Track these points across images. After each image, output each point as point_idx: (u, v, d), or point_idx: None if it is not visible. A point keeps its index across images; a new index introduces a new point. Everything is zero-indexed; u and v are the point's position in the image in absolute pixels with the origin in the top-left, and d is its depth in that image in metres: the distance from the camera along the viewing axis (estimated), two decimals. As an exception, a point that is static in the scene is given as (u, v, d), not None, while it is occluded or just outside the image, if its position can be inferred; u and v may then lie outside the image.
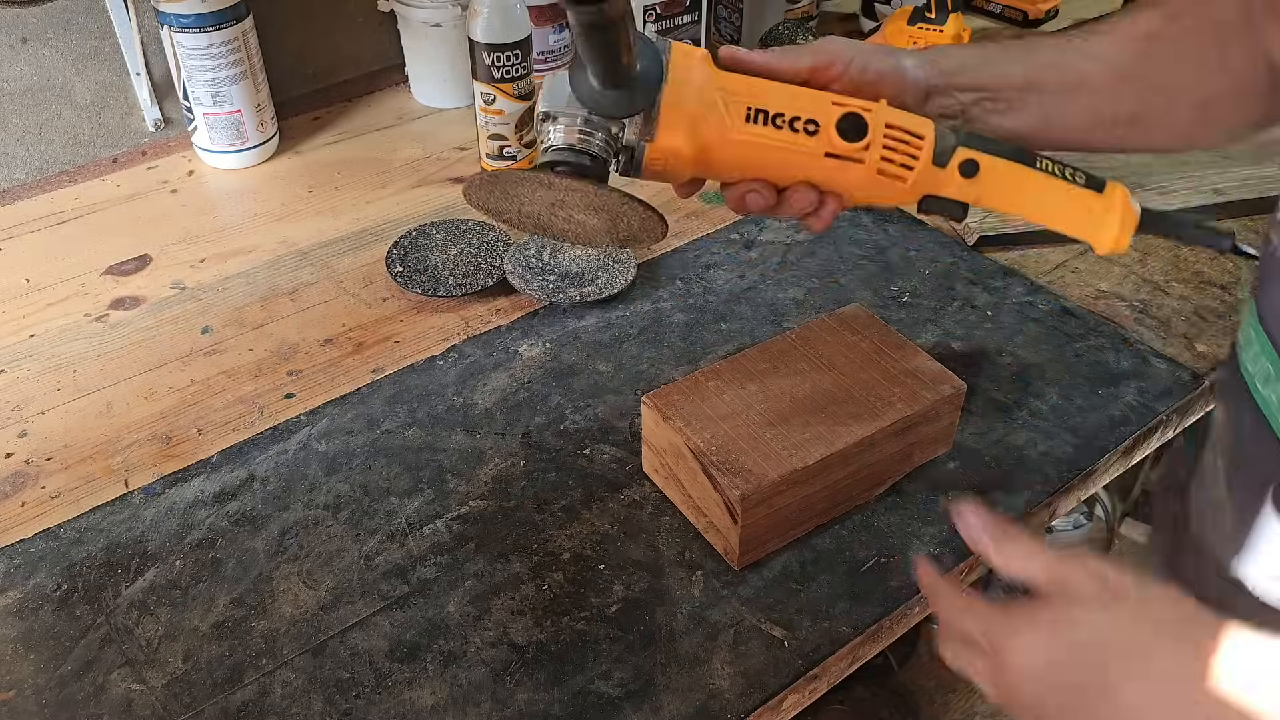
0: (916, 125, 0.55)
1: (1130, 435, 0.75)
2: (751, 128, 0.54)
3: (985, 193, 0.56)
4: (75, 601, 0.64)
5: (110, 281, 0.90)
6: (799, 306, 0.86)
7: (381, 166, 1.05)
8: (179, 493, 0.70)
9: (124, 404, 0.78)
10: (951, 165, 0.56)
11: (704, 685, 0.59)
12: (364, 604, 0.63)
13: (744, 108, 0.54)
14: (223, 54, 0.97)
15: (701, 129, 0.53)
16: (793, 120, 0.54)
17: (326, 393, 0.78)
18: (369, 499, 0.70)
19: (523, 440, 0.74)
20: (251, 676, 0.60)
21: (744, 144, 0.54)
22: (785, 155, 0.55)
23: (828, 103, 0.55)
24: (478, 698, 0.58)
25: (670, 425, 0.65)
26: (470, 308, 0.86)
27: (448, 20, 1.08)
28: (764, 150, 0.54)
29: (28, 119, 0.97)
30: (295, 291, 0.88)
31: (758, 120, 0.54)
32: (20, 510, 0.70)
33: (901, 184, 0.56)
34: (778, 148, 0.54)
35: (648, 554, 0.66)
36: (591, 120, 0.53)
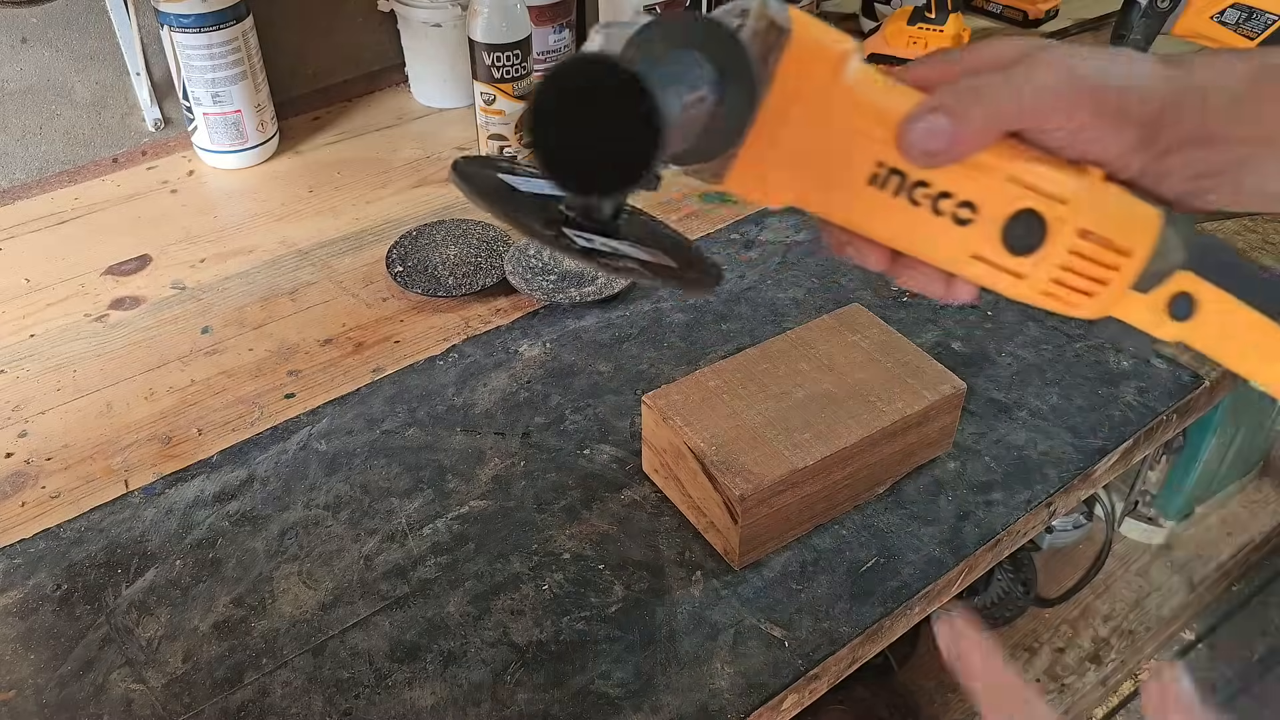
0: (1127, 233, 0.38)
1: (1130, 435, 0.75)
2: (874, 193, 0.38)
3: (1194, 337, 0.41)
4: (75, 601, 0.64)
5: (110, 281, 0.90)
6: (799, 306, 0.86)
7: (381, 166, 1.05)
8: (179, 493, 0.70)
9: (124, 404, 0.78)
10: (1159, 294, 0.39)
11: (704, 685, 0.59)
12: (364, 604, 0.63)
13: (873, 161, 0.37)
14: (223, 54, 0.97)
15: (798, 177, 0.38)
16: (939, 197, 0.37)
17: (326, 393, 0.78)
18: (369, 499, 0.70)
19: (523, 440, 0.74)
20: (251, 676, 0.60)
21: (858, 205, 0.38)
22: (917, 238, 0.39)
23: (1001, 177, 0.37)
24: (478, 698, 0.58)
25: (670, 425, 0.65)
26: (470, 308, 0.86)
27: (448, 20, 1.08)
28: (884, 220, 0.38)
29: (28, 119, 0.97)
30: (295, 291, 0.88)
31: (887, 186, 0.37)
32: (20, 510, 0.70)
33: (1068, 306, 0.40)
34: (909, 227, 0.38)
35: (648, 554, 0.66)
36: None
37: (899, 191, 0.37)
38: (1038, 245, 0.38)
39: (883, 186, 0.37)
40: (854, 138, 0.37)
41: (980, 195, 0.37)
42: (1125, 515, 1.46)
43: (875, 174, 0.37)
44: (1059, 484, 0.71)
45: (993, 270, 0.39)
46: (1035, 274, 0.39)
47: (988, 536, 0.68)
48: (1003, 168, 0.37)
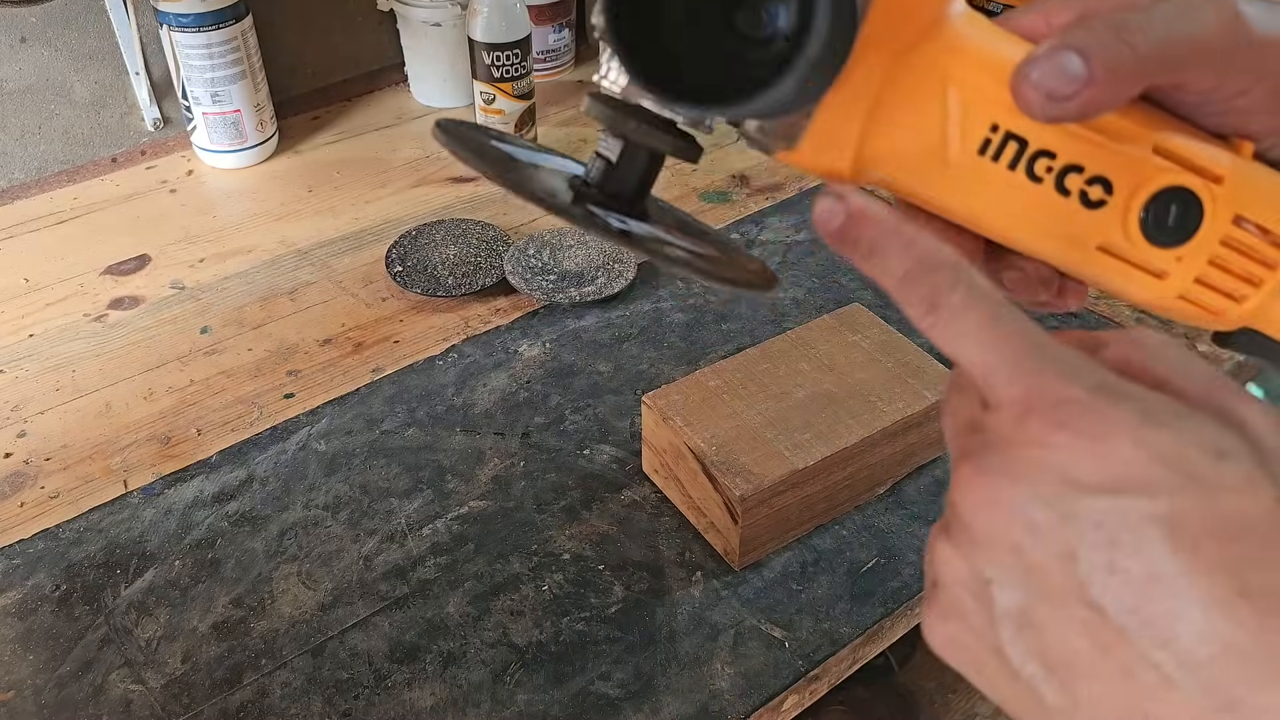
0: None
1: (1131, 435, 0.74)
2: (985, 164, 0.31)
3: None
4: (74, 602, 0.63)
5: (109, 281, 0.90)
6: (799, 306, 0.86)
7: (381, 166, 1.05)
8: (178, 493, 0.70)
9: (123, 404, 0.77)
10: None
11: (704, 686, 0.59)
12: (363, 604, 0.63)
13: (985, 124, 0.31)
14: (222, 53, 0.97)
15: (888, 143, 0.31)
16: (1064, 173, 0.31)
17: (326, 393, 0.78)
18: (368, 499, 0.69)
19: (522, 440, 0.74)
20: (251, 677, 0.59)
21: (961, 180, 0.31)
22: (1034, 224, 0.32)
23: (1144, 146, 0.31)
24: (477, 698, 0.58)
25: (670, 425, 0.65)
26: (470, 307, 0.86)
27: (447, 19, 1.08)
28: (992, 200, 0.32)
29: (26, 118, 0.97)
30: (294, 291, 0.88)
31: (1001, 156, 0.31)
32: (19, 510, 0.69)
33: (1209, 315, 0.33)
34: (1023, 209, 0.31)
35: (648, 554, 0.66)
36: None
37: (1015, 163, 0.31)
38: (1188, 234, 0.31)
39: (996, 157, 0.31)
40: (963, 93, 0.30)
41: (1117, 169, 0.31)
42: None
43: (987, 140, 0.31)
44: (1060, 484, 0.71)
45: (1124, 266, 0.32)
46: (1179, 271, 0.32)
47: (989, 537, 0.67)
48: (1146, 135, 0.31)
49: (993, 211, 0.32)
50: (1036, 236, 0.32)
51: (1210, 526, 0.24)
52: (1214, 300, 0.32)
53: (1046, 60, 0.29)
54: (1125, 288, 0.33)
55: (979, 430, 0.27)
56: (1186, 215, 0.31)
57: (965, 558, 0.27)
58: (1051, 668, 0.25)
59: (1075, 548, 0.24)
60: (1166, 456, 0.24)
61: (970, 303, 0.27)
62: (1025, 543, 0.25)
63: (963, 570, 0.27)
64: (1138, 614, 0.24)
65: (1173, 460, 0.24)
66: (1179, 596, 0.24)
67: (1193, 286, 0.32)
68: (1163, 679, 0.24)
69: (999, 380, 0.27)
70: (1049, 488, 0.25)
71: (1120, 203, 0.31)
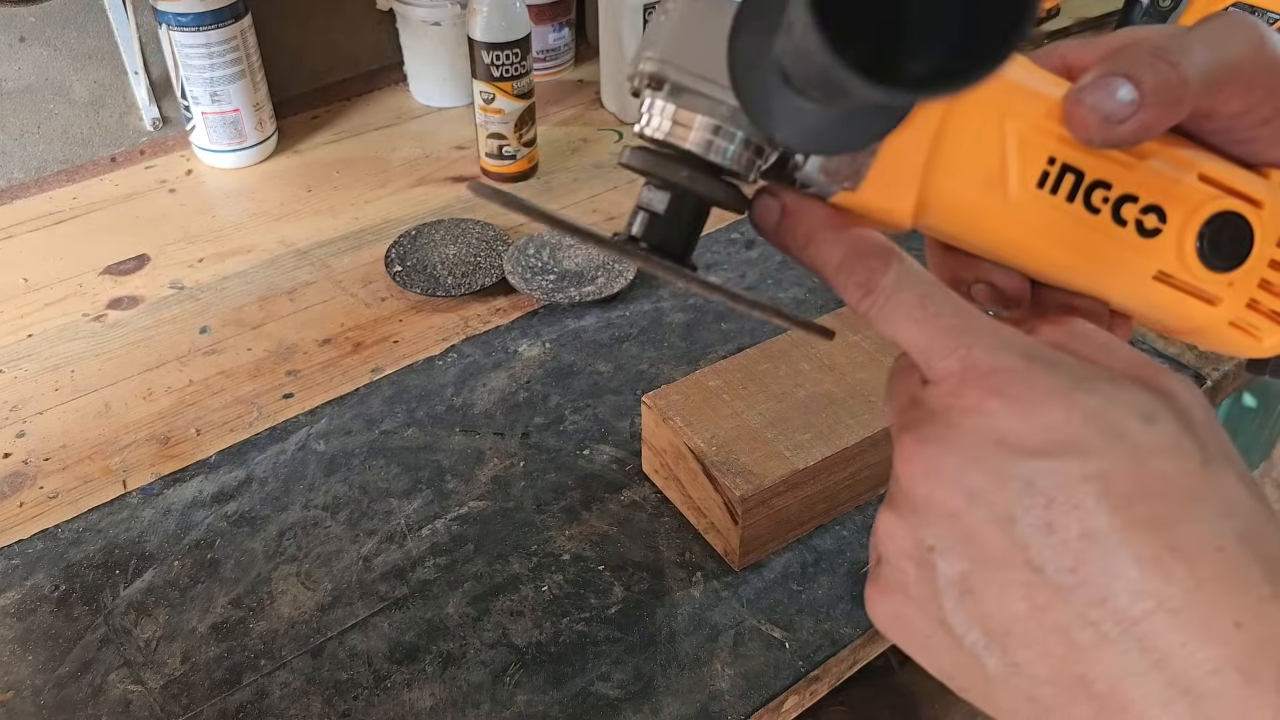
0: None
1: (1132, 435, 0.74)
2: (1043, 198, 0.31)
3: None
4: (73, 602, 0.63)
5: (108, 281, 0.90)
6: (800, 306, 0.86)
7: (380, 166, 1.05)
8: (177, 493, 0.70)
9: (122, 404, 0.77)
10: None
11: (704, 687, 0.59)
12: (363, 605, 0.63)
13: (1043, 157, 0.31)
14: (221, 53, 0.97)
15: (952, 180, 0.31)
16: (1120, 203, 0.31)
17: (325, 393, 0.78)
18: (367, 499, 0.69)
19: (522, 441, 0.73)
20: (250, 678, 0.59)
21: (1021, 216, 0.32)
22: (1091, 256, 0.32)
23: (1191, 174, 0.32)
24: (477, 699, 0.58)
25: (670, 426, 0.65)
26: (469, 307, 0.86)
27: (447, 19, 1.08)
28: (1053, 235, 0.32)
29: (25, 118, 0.97)
30: (294, 291, 0.88)
31: (1059, 189, 0.31)
32: (18, 511, 0.69)
33: (1253, 340, 0.34)
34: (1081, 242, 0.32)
35: (648, 555, 0.66)
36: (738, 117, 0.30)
37: (1074, 195, 0.31)
38: (1241, 259, 0.32)
39: (1055, 189, 0.31)
40: (1020, 126, 0.31)
41: (1169, 197, 0.31)
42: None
43: (1046, 173, 0.31)
44: (1061, 484, 0.71)
45: (1179, 295, 0.32)
46: (1231, 296, 0.32)
47: (989, 537, 0.67)
48: (1191, 163, 0.31)
49: (1054, 246, 0.32)
50: (1095, 269, 0.32)
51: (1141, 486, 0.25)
52: (1261, 324, 0.33)
53: (1098, 88, 0.30)
54: (1178, 317, 0.33)
55: (918, 405, 0.28)
56: (1239, 240, 0.32)
57: (908, 528, 0.27)
58: (992, 634, 0.26)
59: (1013, 510, 0.25)
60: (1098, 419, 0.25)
61: (904, 284, 0.28)
62: (964, 508, 0.26)
63: (906, 542, 0.27)
64: (1075, 573, 0.24)
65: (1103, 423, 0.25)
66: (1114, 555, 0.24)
67: (1244, 311, 0.33)
68: (1099, 637, 0.24)
69: (935, 355, 0.27)
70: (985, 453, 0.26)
71: (1175, 230, 0.32)
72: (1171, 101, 0.30)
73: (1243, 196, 0.32)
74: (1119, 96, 0.29)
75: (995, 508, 0.25)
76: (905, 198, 0.31)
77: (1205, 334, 0.34)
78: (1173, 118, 0.30)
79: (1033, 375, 0.26)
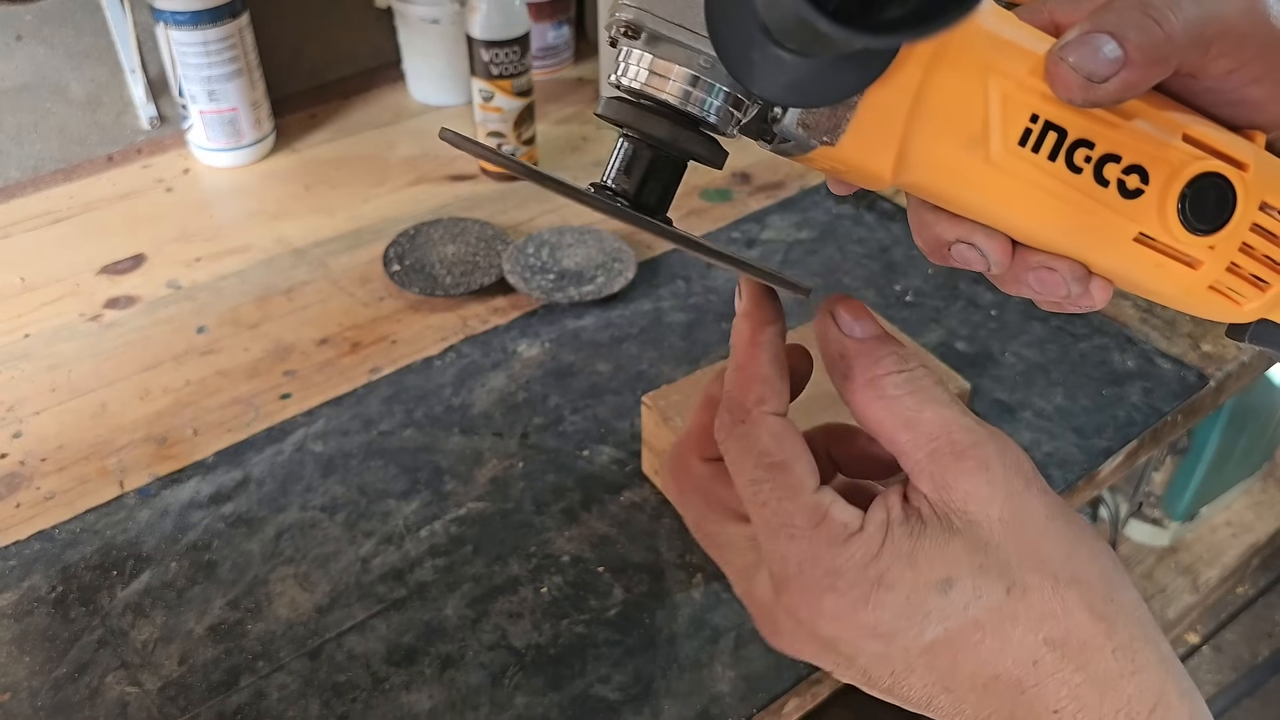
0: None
1: (1135, 436, 0.74)
2: (1025, 156, 0.31)
3: None
4: (70, 604, 0.63)
5: (105, 281, 0.89)
6: (801, 306, 0.85)
7: (378, 164, 1.04)
8: (174, 494, 0.70)
9: (119, 404, 0.77)
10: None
11: (705, 689, 0.59)
12: (361, 607, 0.63)
13: (1026, 115, 0.31)
14: (218, 51, 0.96)
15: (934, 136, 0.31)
16: (1102, 162, 0.31)
17: (323, 393, 0.77)
18: (365, 500, 0.69)
19: (521, 441, 0.73)
20: (247, 680, 0.59)
21: (1002, 175, 0.31)
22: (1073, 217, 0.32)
23: (1174, 134, 0.31)
24: (475, 701, 0.58)
25: (670, 426, 0.64)
26: (468, 307, 0.85)
27: (445, 16, 1.08)
28: (1034, 195, 0.31)
29: (22, 117, 0.97)
30: (291, 291, 0.88)
31: (1041, 147, 0.31)
32: (15, 511, 0.69)
33: (1233, 305, 0.33)
34: (1063, 202, 0.31)
35: (647, 556, 0.65)
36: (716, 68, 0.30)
37: (1056, 154, 0.31)
38: (1222, 221, 0.31)
39: (1037, 148, 0.31)
40: (1003, 83, 0.30)
41: (1152, 158, 0.31)
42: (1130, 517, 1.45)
43: (1028, 130, 0.31)
44: (1064, 485, 0.70)
45: (1159, 257, 0.32)
46: (1212, 259, 0.32)
47: (991, 538, 0.67)
48: (1175, 123, 0.31)
49: (1034, 206, 0.32)
50: (1075, 230, 0.32)
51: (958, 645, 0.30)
52: (1242, 288, 0.32)
53: (1081, 44, 0.29)
54: (1158, 279, 0.33)
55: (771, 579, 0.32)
56: (1221, 202, 0.31)
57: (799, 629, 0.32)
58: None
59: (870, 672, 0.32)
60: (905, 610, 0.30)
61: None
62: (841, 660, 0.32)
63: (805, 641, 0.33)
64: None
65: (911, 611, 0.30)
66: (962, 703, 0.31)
67: (1224, 275, 0.32)
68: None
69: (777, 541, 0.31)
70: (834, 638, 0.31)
71: (1156, 191, 0.31)
72: (1157, 60, 0.29)
73: (1227, 158, 0.31)
74: (1103, 54, 0.29)
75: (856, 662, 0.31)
76: (885, 154, 0.31)
77: (1185, 298, 0.33)
78: (1157, 76, 0.30)
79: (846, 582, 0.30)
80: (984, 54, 0.30)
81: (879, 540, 0.30)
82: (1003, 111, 0.30)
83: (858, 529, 0.30)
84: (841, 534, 0.30)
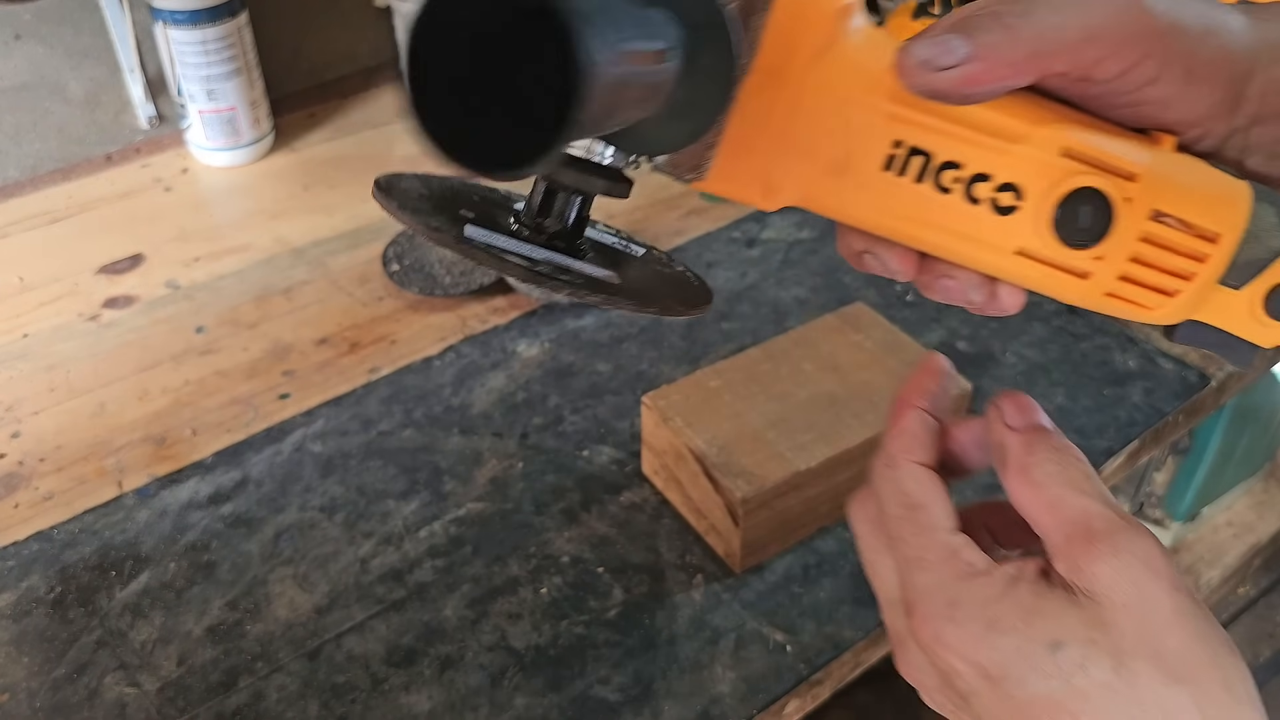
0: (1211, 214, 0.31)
1: (1137, 436, 0.74)
2: (894, 180, 0.32)
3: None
4: (68, 604, 0.63)
5: (104, 280, 0.89)
6: (802, 306, 0.85)
7: (378, 164, 1.04)
8: (173, 495, 0.69)
9: (117, 404, 0.77)
10: (1252, 290, 0.32)
11: (705, 690, 0.58)
12: (360, 607, 0.62)
13: (888, 141, 0.31)
14: (217, 50, 0.96)
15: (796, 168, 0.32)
16: (973, 182, 0.31)
17: (322, 393, 0.77)
18: (365, 501, 0.69)
19: (521, 441, 0.73)
20: (246, 681, 0.59)
21: (874, 198, 0.32)
22: (949, 234, 0.32)
23: (1052, 150, 0.31)
24: (475, 702, 0.58)
25: (670, 426, 0.64)
26: (468, 307, 0.85)
27: (445, 16, 1.07)
28: (912, 216, 0.32)
29: (20, 116, 0.96)
30: (290, 290, 0.87)
31: (908, 170, 0.31)
32: (13, 512, 0.69)
33: (1143, 310, 0.33)
34: (937, 221, 0.32)
35: (647, 557, 0.65)
36: None
37: (923, 176, 0.31)
38: (1101, 234, 0.31)
39: (902, 172, 0.31)
40: (862, 111, 0.31)
41: (1025, 174, 0.31)
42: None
43: (892, 156, 0.31)
44: (1064, 485, 0.70)
45: (1046, 270, 0.32)
46: (1101, 271, 0.32)
47: (992, 539, 0.67)
48: (1053, 138, 0.31)
49: (910, 226, 0.32)
50: (956, 246, 0.33)
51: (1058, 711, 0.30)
52: (1145, 296, 0.32)
53: (929, 36, 0.30)
54: (1052, 289, 0.33)
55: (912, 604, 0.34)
56: (1097, 216, 0.31)
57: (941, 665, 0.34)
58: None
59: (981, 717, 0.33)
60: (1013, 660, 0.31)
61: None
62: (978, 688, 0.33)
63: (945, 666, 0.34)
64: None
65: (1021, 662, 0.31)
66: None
67: (1119, 284, 0.32)
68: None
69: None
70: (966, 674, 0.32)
71: (1031, 208, 0.31)
72: (1003, 63, 0.30)
73: (1111, 170, 0.31)
74: (948, 47, 0.30)
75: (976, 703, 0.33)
76: (752, 185, 0.32)
77: (1087, 304, 0.33)
78: (1007, 76, 0.30)
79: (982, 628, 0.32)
80: (843, 85, 0.31)
81: (1002, 586, 0.32)
82: (863, 139, 0.31)
83: (984, 571, 0.33)
84: (967, 571, 0.33)
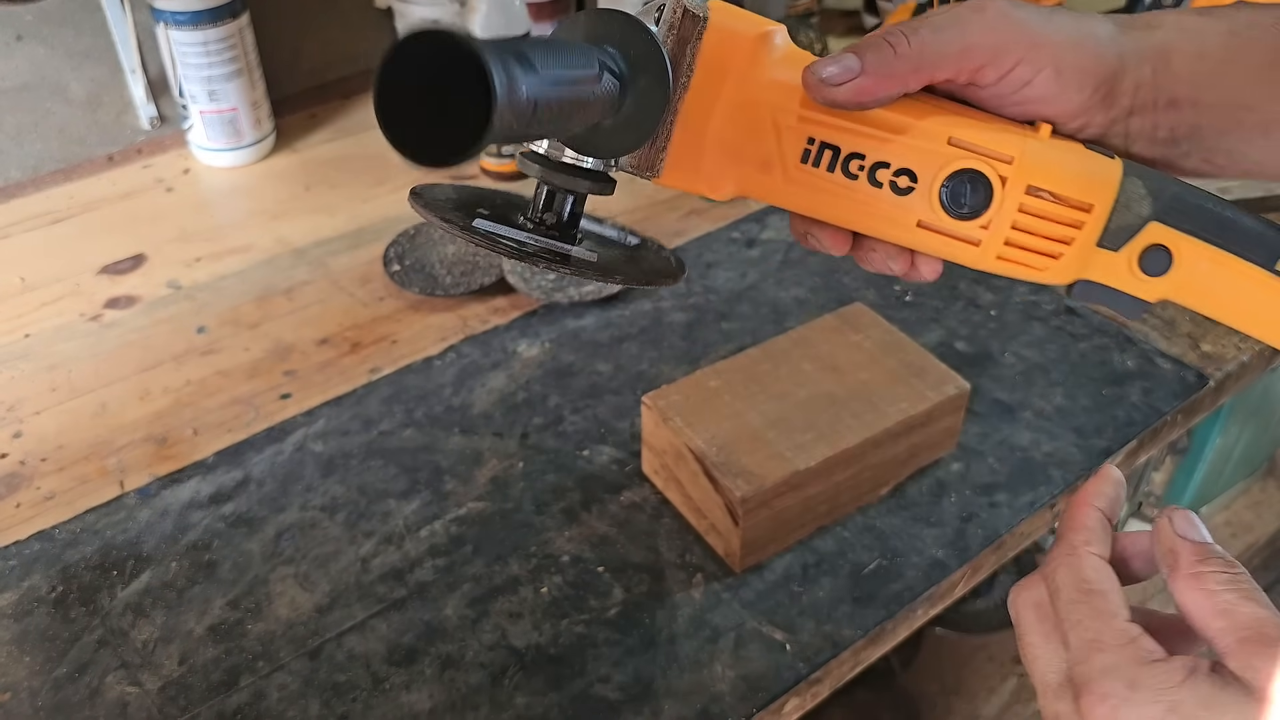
0: (1083, 187, 0.37)
1: (1135, 436, 0.74)
2: (811, 171, 0.38)
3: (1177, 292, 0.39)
4: (70, 604, 0.63)
5: (105, 281, 0.89)
6: (801, 306, 0.85)
7: (379, 164, 1.04)
8: (174, 494, 0.70)
9: (119, 404, 0.77)
10: (1129, 251, 0.38)
11: (704, 689, 0.59)
12: (361, 607, 0.63)
13: (803, 138, 0.38)
14: (218, 50, 0.96)
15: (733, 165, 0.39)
16: (875, 169, 0.38)
17: (323, 393, 0.77)
18: (365, 500, 0.69)
19: (521, 441, 0.73)
20: (247, 680, 0.59)
21: (799, 187, 0.39)
22: (861, 213, 0.39)
23: (938, 140, 0.38)
24: (475, 701, 0.58)
25: (670, 426, 0.64)
26: (468, 307, 0.85)
27: (445, 16, 1.07)
28: (831, 200, 0.39)
29: (22, 117, 0.97)
30: (291, 290, 0.88)
31: (820, 162, 0.38)
32: (15, 511, 0.69)
33: (1034, 271, 0.39)
34: (850, 202, 0.39)
35: (647, 556, 0.65)
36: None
37: (834, 167, 0.38)
38: (983, 207, 0.38)
39: (817, 164, 0.38)
40: (781, 116, 0.38)
41: (916, 160, 0.38)
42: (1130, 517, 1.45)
43: (808, 150, 0.38)
44: (1063, 485, 0.70)
45: (944, 239, 0.39)
46: (989, 239, 0.38)
47: (991, 538, 0.67)
48: (939, 130, 0.38)
49: (830, 208, 0.39)
50: (870, 222, 0.39)
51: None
52: (1033, 259, 0.39)
53: (831, 58, 0.37)
54: (954, 256, 0.40)
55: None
56: (978, 192, 0.38)
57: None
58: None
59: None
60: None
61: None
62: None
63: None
64: None
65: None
66: None
67: (1006, 249, 0.39)
68: None
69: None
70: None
71: (924, 188, 0.38)
72: (888, 76, 0.37)
73: (989, 154, 0.37)
74: (843, 65, 0.36)
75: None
76: (699, 181, 0.40)
77: (984, 268, 0.39)
78: (893, 86, 0.37)
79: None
80: (765, 97, 0.38)
81: (1182, 674, 0.33)
82: (785, 138, 0.38)
83: (1163, 658, 0.33)
84: (1148, 656, 0.33)
